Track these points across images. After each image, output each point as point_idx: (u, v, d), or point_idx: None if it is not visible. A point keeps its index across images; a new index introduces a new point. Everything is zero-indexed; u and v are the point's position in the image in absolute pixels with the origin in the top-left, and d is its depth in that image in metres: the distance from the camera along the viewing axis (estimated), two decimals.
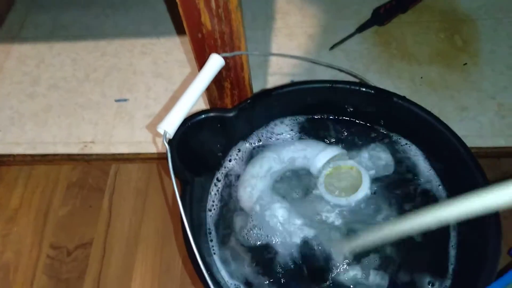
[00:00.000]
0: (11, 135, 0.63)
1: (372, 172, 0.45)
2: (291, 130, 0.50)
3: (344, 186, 0.44)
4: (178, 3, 0.36)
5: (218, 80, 0.46)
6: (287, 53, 0.70)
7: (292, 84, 0.48)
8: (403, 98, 0.46)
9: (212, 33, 0.40)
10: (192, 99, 0.38)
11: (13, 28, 0.76)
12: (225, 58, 0.41)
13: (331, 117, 0.51)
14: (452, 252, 0.41)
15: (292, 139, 0.49)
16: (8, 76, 0.70)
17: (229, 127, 0.47)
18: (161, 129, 0.36)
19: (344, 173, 0.44)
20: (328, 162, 0.45)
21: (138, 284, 0.57)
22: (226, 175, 0.49)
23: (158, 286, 0.56)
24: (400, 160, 0.47)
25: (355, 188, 0.43)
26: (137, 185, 0.65)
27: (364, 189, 0.42)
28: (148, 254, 0.59)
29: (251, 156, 0.49)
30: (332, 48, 0.69)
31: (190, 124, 0.42)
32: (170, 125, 0.37)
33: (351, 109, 0.50)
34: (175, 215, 0.61)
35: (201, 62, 0.44)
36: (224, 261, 0.43)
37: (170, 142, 0.37)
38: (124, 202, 0.63)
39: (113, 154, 0.60)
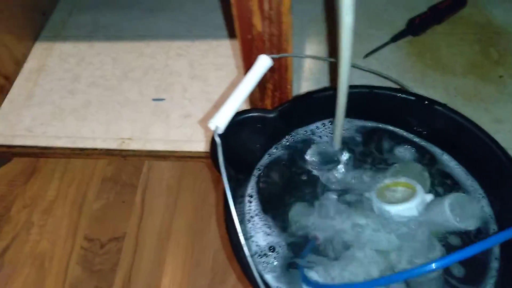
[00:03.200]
0: (52, 129, 0.65)
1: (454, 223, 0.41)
2: (330, 133, 0.50)
3: (395, 199, 0.42)
4: (232, 3, 0.38)
5: (261, 81, 0.47)
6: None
7: (333, 88, 0.49)
8: (444, 105, 0.47)
9: (262, 34, 0.41)
10: (241, 98, 0.39)
11: (56, 27, 0.79)
12: (272, 59, 0.42)
13: (369, 123, 0.52)
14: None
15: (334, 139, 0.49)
16: (51, 73, 0.72)
17: (269, 128, 0.48)
18: (213, 124, 0.38)
19: (400, 191, 0.43)
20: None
21: (168, 279, 0.58)
22: (264, 175, 0.49)
23: (188, 281, 0.57)
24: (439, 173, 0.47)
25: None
26: (169, 182, 0.66)
27: (412, 204, 0.39)
28: (179, 250, 0.60)
29: (289, 158, 0.50)
30: (366, 56, 0.70)
31: (235, 122, 0.43)
32: (222, 121, 0.38)
33: (391, 116, 0.50)
34: (206, 213, 0.63)
35: (247, 63, 0.45)
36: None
37: (220, 137, 0.38)
38: (156, 198, 0.65)
39: (149, 151, 0.62)
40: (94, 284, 0.57)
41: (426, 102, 0.47)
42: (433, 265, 0.29)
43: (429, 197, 0.41)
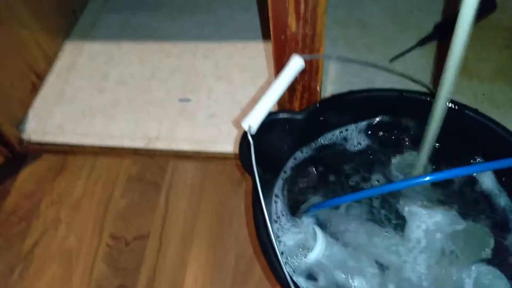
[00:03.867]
0: (81, 126, 0.66)
1: None
2: (359, 137, 0.50)
3: None
4: (269, 4, 0.38)
5: (291, 82, 0.47)
6: (346, 62, 0.71)
7: (362, 91, 0.49)
8: (475, 111, 0.46)
9: (295, 35, 0.41)
10: (274, 98, 0.40)
11: (86, 27, 0.81)
12: (304, 60, 0.42)
13: (398, 127, 0.51)
14: None
15: (360, 144, 0.49)
16: (80, 71, 0.74)
17: (297, 129, 0.48)
18: (246, 124, 0.38)
19: None
20: None
21: (191, 279, 0.58)
22: (290, 176, 0.50)
23: (210, 282, 0.58)
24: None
25: None
26: (193, 182, 0.67)
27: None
28: (202, 251, 0.60)
29: (316, 159, 0.50)
30: (392, 60, 0.70)
31: (264, 123, 0.44)
32: (255, 120, 0.38)
33: (420, 121, 0.50)
34: (228, 214, 0.63)
35: (279, 63, 0.45)
36: None
37: (252, 136, 0.38)
38: (180, 198, 0.65)
39: (175, 151, 0.63)
40: (119, 282, 0.58)
41: (456, 107, 0.47)
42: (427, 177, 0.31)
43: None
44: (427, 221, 0.40)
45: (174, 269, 0.59)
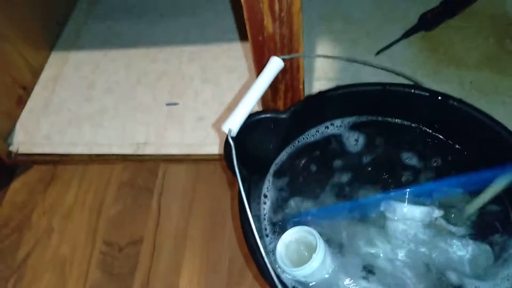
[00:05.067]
0: (69, 136, 0.66)
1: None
2: (344, 132, 0.50)
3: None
4: (243, 5, 0.38)
5: (273, 83, 0.47)
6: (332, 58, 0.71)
7: (345, 86, 0.49)
8: (459, 100, 0.46)
9: (273, 36, 0.41)
10: (254, 100, 0.40)
11: (70, 37, 0.81)
12: (283, 60, 0.42)
13: (382, 120, 0.51)
14: None
15: (347, 140, 0.49)
16: (66, 81, 0.74)
17: (282, 128, 0.48)
18: (226, 127, 0.38)
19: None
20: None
21: (186, 282, 0.58)
22: (278, 175, 0.50)
23: (205, 285, 0.58)
24: None
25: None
26: (184, 186, 0.67)
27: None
28: (195, 253, 0.60)
29: (303, 157, 0.50)
30: (378, 53, 0.70)
31: (248, 123, 0.44)
32: (235, 123, 0.38)
33: (405, 113, 0.49)
34: (221, 216, 0.63)
35: (259, 64, 0.45)
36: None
37: (233, 139, 0.38)
38: (172, 202, 0.65)
39: (165, 155, 0.63)
40: (114, 287, 0.58)
41: (439, 97, 0.46)
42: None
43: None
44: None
45: (168, 273, 0.59)
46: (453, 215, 0.39)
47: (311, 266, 0.36)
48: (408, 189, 0.31)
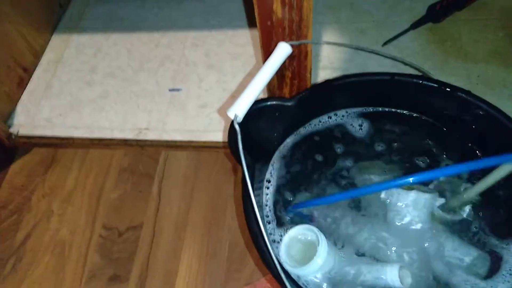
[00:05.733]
0: (70, 119, 0.66)
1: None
2: (352, 122, 0.50)
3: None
4: None
5: (279, 69, 0.46)
6: (338, 47, 0.70)
7: (353, 75, 0.48)
8: (468, 92, 0.45)
9: (282, 21, 0.40)
10: (260, 86, 0.39)
11: (73, 19, 0.80)
12: (291, 46, 0.41)
13: (390, 110, 0.50)
14: None
15: (352, 129, 0.49)
16: (68, 65, 0.73)
17: (287, 116, 0.47)
18: (231, 113, 0.37)
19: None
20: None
21: (185, 268, 0.58)
22: (282, 162, 0.49)
23: (204, 270, 0.57)
24: None
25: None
26: (185, 172, 0.66)
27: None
28: (196, 240, 0.60)
29: (307, 145, 0.49)
30: (385, 44, 0.69)
31: (253, 110, 0.43)
32: (240, 109, 0.38)
33: (412, 103, 0.49)
34: (222, 203, 0.62)
35: (267, 50, 0.44)
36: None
37: (239, 125, 0.37)
38: (173, 188, 0.65)
39: (167, 141, 0.62)
40: (113, 272, 0.58)
41: (448, 89, 0.46)
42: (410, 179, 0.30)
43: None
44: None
45: (167, 258, 0.59)
46: (452, 203, 0.39)
47: (316, 262, 0.36)
48: (411, 178, 0.31)
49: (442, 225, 0.40)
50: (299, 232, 0.39)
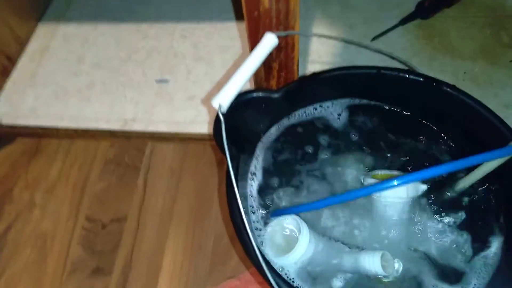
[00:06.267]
0: (55, 109, 0.65)
1: None
2: (338, 114, 0.50)
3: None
4: None
5: (267, 61, 0.46)
6: (327, 42, 0.70)
7: (340, 68, 0.48)
8: (453, 87, 0.46)
9: (269, 11, 0.40)
10: (246, 77, 0.39)
11: (60, 8, 0.79)
12: (278, 37, 0.41)
13: (376, 104, 0.51)
14: None
15: (337, 121, 0.49)
16: (54, 54, 0.72)
17: (274, 108, 0.47)
18: (216, 102, 0.37)
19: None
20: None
21: (169, 260, 0.57)
22: (267, 154, 0.49)
23: (189, 264, 0.57)
24: None
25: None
26: (171, 164, 0.66)
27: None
28: (180, 232, 0.59)
29: (292, 137, 0.49)
30: (373, 39, 0.69)
31: (239, 101, 0.43)
32: (225, 99, 0.37)
33: (398, 98, 0.49)
34: (208, 195, 0.62)
35: (253, 41, 0.44)
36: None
37: (223, 115, 0.37)
38: (158, 180, 0.64)
39: (153, 133, 0.61)
40: (96, 264, 0.57)
41: (434, 83, 0.46)
42: (395, 182, 0.30)
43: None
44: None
45: (152, 251, 0.58)
46: (437, 196, 0.40)
47: (297, 251, 0.36)
48: (407, 178, 0.30)
49: (424, 211, 0.40)
50: (283, 222, 0.39)
